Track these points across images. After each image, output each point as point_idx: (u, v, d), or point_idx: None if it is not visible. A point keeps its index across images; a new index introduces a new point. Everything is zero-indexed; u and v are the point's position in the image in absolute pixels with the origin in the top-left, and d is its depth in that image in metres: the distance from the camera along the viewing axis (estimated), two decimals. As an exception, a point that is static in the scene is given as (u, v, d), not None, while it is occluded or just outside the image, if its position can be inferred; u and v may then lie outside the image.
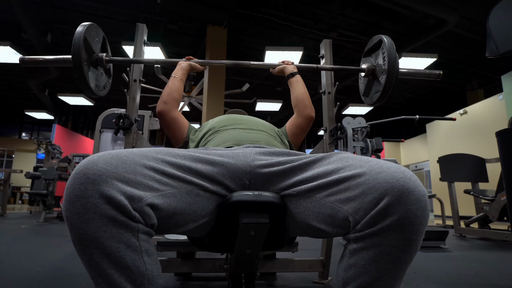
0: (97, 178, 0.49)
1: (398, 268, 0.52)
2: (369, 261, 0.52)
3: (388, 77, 1.02)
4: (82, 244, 0.48)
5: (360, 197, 0.53)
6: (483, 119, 6.41)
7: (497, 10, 1.68)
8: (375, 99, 1.13)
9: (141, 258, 0.51)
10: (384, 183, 0.52)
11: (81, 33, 0.95)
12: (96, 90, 1.07)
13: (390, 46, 1.01)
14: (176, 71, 1.18)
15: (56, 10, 5.75)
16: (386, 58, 1.01)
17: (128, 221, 0.50)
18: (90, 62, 1.03)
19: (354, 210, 0.54)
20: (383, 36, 1.05)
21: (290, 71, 1.25)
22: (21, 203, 11.99)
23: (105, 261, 0.48)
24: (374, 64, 1.12)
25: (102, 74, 1.13)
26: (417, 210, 0.50)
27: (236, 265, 0.82)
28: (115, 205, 0.48)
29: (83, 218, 0.47)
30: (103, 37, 1.12)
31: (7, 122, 14.53)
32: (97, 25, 1.05)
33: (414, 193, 0.50)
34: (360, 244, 0.53)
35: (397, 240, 0.50)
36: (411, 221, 0.49)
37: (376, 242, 0.51)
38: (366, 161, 0.58)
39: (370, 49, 1.16)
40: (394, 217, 0.50)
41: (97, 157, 0.52)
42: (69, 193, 0.49)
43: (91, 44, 1.02)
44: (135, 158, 0.56)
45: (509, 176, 2.35)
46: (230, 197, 0.63)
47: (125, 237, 0.49)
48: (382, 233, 0.51)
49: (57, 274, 1.53)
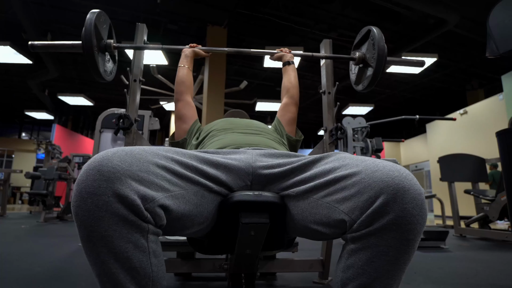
0: (111, 176, 0.48)
1: (396, 268, 0.51)
2: (367, 261, 0.51)
3: (378, 62, 1.08)
4: (90, 241, 0.47)
5: (356, 196, 0.53)
6: (483, 119, 6.41)
7: (497, 10, 1.68)
8: (366, 84, 1.18)
9: (149, 260, 0.50)
10: (379, 182, 0.51)
11: (91, 19, 0.99)
12: (104, 75, 1.11)
13: (379, 34, 1.09)
14: (182, 60, 1.21)
15: (56, 10, 5.75)
16: (376, 44, 1.08)
17: (139, 221, 0.49)
18: (99, 48, 1.07)
19: (350, 210, 0.53)
20: (372, 27, 1.12)
21: (287, 59, 1.32)
22: (21, 203, 11.99)
23: (112, 260, 0.47)
24: (364, 52, 1.19)
25: (109, 60, 1.17)
26: (413, 209, 0.49)
27: (236, 265, 0.82)
28: (127, 204, 0.48)
29: (93, 216, 0.46)
30: (110, 24, 1.16)
31: (7, 122, 14.54)
32: (104, 12, 1.07)
33: (410, 192, 0.50)
34: (358, 245, 0.53)
35: (394, 239, 0.50)
36: (407, 220, 0.49)
37: (374, 243, 0.51)
38: (362, 160, 0.58)
39: (360, 41, 1.21)
40: (390, 216, 0.49)
41: (111, 154, 0.51)
42: (80, 189, 0.47)
43: (100, 31, 1.05)
44: (148, 156, 0.55)
45: (509, 176, 2.35)
46: (230, 197, 0.63)
47: (134, 237, 0.48)
48: (379, 233, 0.50)
49: (57, 274, 1.53)
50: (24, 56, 5.88)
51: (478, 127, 6.48)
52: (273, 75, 8.22)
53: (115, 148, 0.54)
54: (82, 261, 1.85)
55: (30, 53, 6.07)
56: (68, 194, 5.15)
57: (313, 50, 1.67)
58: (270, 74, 8.22)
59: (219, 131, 1.01)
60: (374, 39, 1.09)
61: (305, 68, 7.27)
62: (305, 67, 7.12)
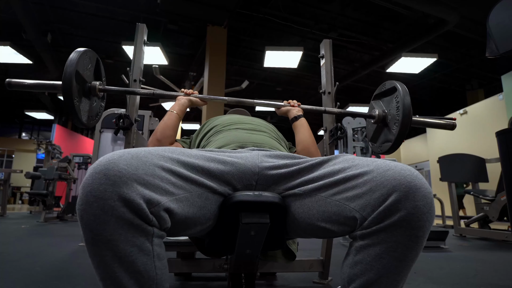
0: (117, 180, 0.48)
1: (403, 265, 0.52)
2: (375, 257, 0.52)
3: (402, 129, 0.97)
4: (95, 245, 0.47)
5: (368, 194, 0.54)
6: (483, 119, 6.41)
7: (497, 10, 1.68)
8: (384, 149, 1.07)
9: (153, 263, 0.50)
10: (392, 180, 0.53)
11: (73, 61, 0.88)
12: (87, 122, 1.01)
13: (405, 95, 0.97)
14: (174, 106, 1.11)
15: (56, 10, 5.75)
16: (401, 108, 0.97)
17: (144, 225, 0.49)
18: (83, 93, 0.96)
19: (361, 207, 0.54)
20: (397, 83, 1.01)
21: (294, 115, 1.18)
22: (21, 203, 11.99)
23: (116, 264, 0.47)
24: (386, 111, 1.07)
25: (95, 102, 1.07)
26: (424, 207, 0.51)
27: (236, 265, 0.82)
28: (133, 208, 0.48)
29: (99, 220, 0.46)
30: (97, 60, 1.05)
31: (7, 122, 14.54)
32: (90, 50, 0.98)
33: (421, 190, 0.51)
34: (367, 241, 0.54)
35: (403, 236, 0.51)
36: (418, 217, 0.50)
37: (383, 239, 0.52)
38: (373, 161, 0.59)
39: (382, 93, 1.11)
40: (402, 213, 0.50)
41: (117, 157, 0.51)
42: (86, 192, 0.47)
43: (83, 74, 0.95)
44: (154, 159, 0.55)
45: (509, 176, 2.35)
46: (231, 197, 0.63)
47: (139, 241, 0.49)
48: (389, 229, 0.51)
49: (57, 274, 1.53)
50: (24, 56, 5.88)
51: (478, 127, 6.48)
52: (273, 75, 8.22)
53: (121, 150, 0.54)
54: (82, 261, 1.85)
55: (30, 53, 6.07)
56: (68, 194, 5.15)
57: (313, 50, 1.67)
58: (270, 74, 8.22)
59: (224, 126, 1.01)
60: (400, 99, 0.97)
61: (305, 68, 7.27)
62: (305, 67, 7.13)
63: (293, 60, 5.69)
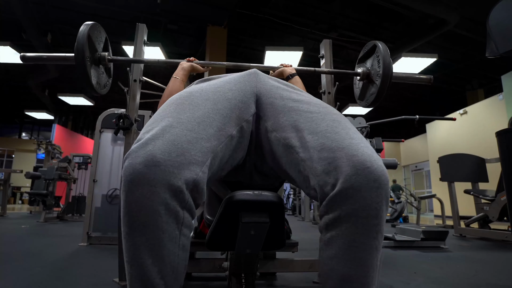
0: (158, 168, 0.48)
1: (367, 256, 0.50)
2: (343, 250, 0.51)
3: (383, 80, 1.06)
4: (131, 228, 0.48)
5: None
6: (483, 119, 6.41)
7: (497, 10, 1.68)
8: (370, 101, 1.17)
9: (177, 252, 0.51)
10: None
11: (85, 31, 0.97)
12: (97, 88, 1.08)
13: (385, 51, 1.06)
14: (177, 72, 1.16)
15: (56, 10, 5.75)
16: (381, 61, 1.06)
17: (177, 207, 0.50)
18: (93, 60, 1.05)
19: (324, 183, 0.54)
20: (378, 42, 1.10)
21: (288, 73, 1.28)
22: (21, 203, 12.00)
23: (145, 249, 0.48)
24: (369, 68, 1.16)
25: (103, 73, 1.15)
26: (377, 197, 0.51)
27: (236, 265, 0.82)
28: (174, 192, 0.49)
29: (140, 206, 0.48)
30: (106, 37, 1.13)
31: (7, 122, 14.54)
32: (100, 25, 1.06)
33: None
34: (332, 233, 0.52)
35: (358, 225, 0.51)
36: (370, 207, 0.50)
37: (345, 228, 0.51)
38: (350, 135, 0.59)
39: (365, 55, 1.20)
40: (354, 205, 0.50)
41: (154, 145, 0.51)
42: (131, 178, 0.48)
43: (94, 43, 1.04)
44: (198, 138, 0.56)
45: (509, 176, 2.35)
46: (231, 197, 0.63)
47: (171, 227, 0.50)
48: (346, 219, 0.50)
49: (57, 274, 1.53)
50: (25, 55, 5.87)
51: (478, 127, 6.49)
52: (272, 73, 8.21)
53: (154, 133, 0.53)
54: (82, 261, 1.85)
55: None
56: (68, 194, 5.15)
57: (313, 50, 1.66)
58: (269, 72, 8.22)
59: None
60: (380, 55, 1.07)
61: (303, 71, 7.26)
62: (305, 67, 7.12)
63: (293, 60, 5.70)
